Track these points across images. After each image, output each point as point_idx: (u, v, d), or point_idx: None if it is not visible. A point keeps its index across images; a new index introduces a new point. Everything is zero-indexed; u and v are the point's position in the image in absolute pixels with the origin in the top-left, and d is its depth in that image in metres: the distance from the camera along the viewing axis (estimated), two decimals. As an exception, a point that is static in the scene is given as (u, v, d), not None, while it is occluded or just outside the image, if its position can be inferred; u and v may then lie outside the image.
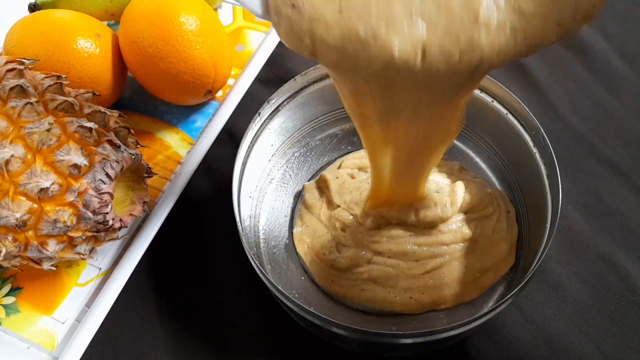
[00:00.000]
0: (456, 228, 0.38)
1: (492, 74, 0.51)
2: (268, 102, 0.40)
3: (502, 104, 0.40)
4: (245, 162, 0.39)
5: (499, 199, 0.40)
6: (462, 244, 0.37)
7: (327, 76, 0.42)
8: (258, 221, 0.41)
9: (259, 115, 0.40)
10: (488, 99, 0.40)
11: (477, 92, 0.41)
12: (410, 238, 0.38)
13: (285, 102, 0.42)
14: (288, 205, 0.43)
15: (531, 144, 0.38)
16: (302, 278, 0.39)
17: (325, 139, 0.46)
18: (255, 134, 0.40)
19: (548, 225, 0.34)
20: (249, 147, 0.40)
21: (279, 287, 0.32)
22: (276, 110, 0.42)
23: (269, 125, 0.42)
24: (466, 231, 0.38)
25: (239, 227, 0.34)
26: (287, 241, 0.41)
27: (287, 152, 0.44)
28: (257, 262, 0.33)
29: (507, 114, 0.39)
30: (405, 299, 0.36)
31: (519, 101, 0.38)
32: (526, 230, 0.38)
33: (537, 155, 0.37)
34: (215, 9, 0.58)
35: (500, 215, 0.39)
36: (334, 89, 0.43)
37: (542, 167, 0.37)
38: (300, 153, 0.45)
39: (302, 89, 0.42)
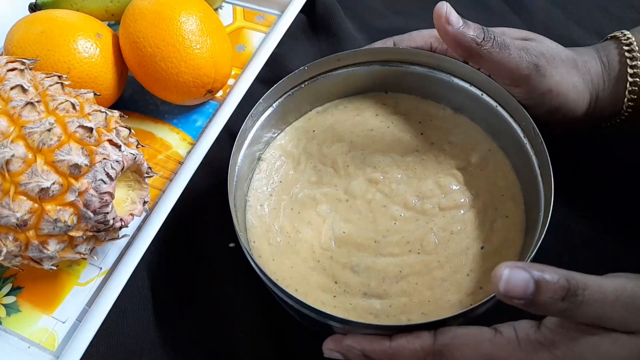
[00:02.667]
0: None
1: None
2: (260, 103, 0.40)
3: (491, 97, 0.40)
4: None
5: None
6: None
7: (317, 75, 0.43)
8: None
9: (251, 116, 0.39)
10: (477, 92, 0.41)
11: (467, 85, 0.41)
12: None
13: (276, 102, 0.42)
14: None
15: (521, 135, 0.38)
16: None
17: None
18: (248, 136, 0.40)
19: (542, 214, 0.34)
20: (242, 149, 0.39)
21: (280, 285, 0.31)
22: (268, 109, 0.42)
23: (261, 126, 0.41)
24: None
25: (236, 228, 0.34)
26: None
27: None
28: (256, 262, 0.33)
29: (497, 106, 0.40)
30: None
31: (509, 93, 0.38)
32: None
33: (528, 146, 0.37)
34: (216, 9, 0.58)
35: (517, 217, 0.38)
36: (325, 88, 0.43)
37: (534, 157, 0.37)
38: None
39: (292, 88, 0.42)
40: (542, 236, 0.32)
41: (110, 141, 0.35)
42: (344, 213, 0.39)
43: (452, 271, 0.36)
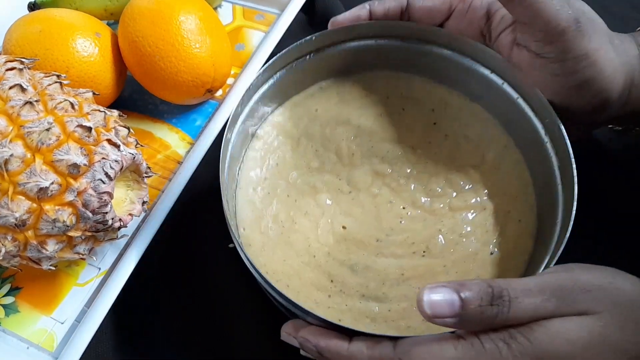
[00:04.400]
0: None
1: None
2: (260, 73, 0.37)
3: (513, 88, 0.36)
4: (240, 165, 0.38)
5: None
6: None
7: (325, 47, 0.40)
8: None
9: (249, 88, 0.37)
10: (498, 80, 0.37)
11: (487, 72, 0.37)
12: None
13: (278, 73, 0.39)
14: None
15: (542, 132, 0.35)
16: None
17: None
18: (244, 110, 0.37)
19: (559, 222, 0.31)
20: (237, 125, 0.37)
21: (269, 280, 0.31)
22: (269, 80, 0.39)
23: (259, 99, 0.39)
24: None
25: (226, 214, 0.33)
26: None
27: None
28: (252, 264, 0.32)
29: (518, 98, 0.36)
30: None
31: (533, 86, 0.34)
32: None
33: (549, 145, 0.34)
34: (215, 8, 0.58)
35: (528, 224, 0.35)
36: (332, 61, 0.41)
37: (554, 157, 0.34)
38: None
39: (297, 59, 0.39)
40: (561, 248, 0.30)
41: (109, 141, 0.35)
42: (346, 206, 0.36)
43: (457, 277, 0.34)
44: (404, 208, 0.36)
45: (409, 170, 0.38)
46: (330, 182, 0.38)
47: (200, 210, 0.44)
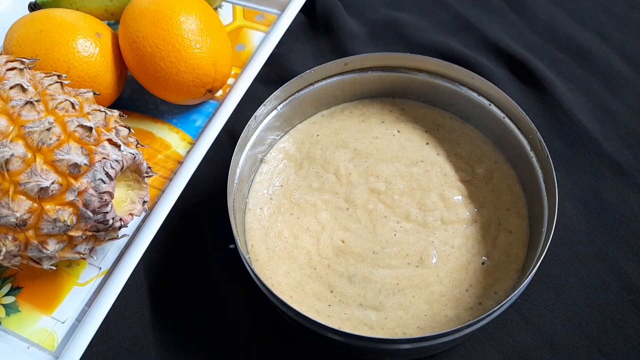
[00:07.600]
0: None
1: (496, 73, 0.51)
2: (264, 105, 0.40)
3: (499, 108, 0.40)
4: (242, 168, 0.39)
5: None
6: None
7: (323, 79, 0.43)
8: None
9: (254, 118, 0.40)
10: (485, 102, 0.40)
11: (474, 95, 0.41)
12: None
13: (281, 104, 0.42)
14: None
15: (528, 147, 0.38)
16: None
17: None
18: (251, 137, 0.40)
19: (545, 229, 0.34)
20: (244, 151, 0.40)
21: (274, 292, 0.32)
22: (272, 112, 0.42)
23: (265, 128, 0.41)
24: None
25: (234, 232, 0.34)
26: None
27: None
28: (252, 268, 0.33)
29: (504, 117, 0.39)
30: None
31: (516, 105, 0.38)
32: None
33: (534, 159, 0.37)
34: (216, 8, 0.58)
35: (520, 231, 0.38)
36: (330, 91, 0.44)
37: (539, 171, 0.37)
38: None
39: (298, 91, 0.42)
40: (544, 253, 0.32)
41: (110, 140, 0.35)
42: (344, 222, 0.39)
43: (450, 286, 0.36)
44: (397, 222, 0.38)
45: (402, 187, 0.40)
46: (329, 201, 0.40)
47: (200, 210, 0.44)
